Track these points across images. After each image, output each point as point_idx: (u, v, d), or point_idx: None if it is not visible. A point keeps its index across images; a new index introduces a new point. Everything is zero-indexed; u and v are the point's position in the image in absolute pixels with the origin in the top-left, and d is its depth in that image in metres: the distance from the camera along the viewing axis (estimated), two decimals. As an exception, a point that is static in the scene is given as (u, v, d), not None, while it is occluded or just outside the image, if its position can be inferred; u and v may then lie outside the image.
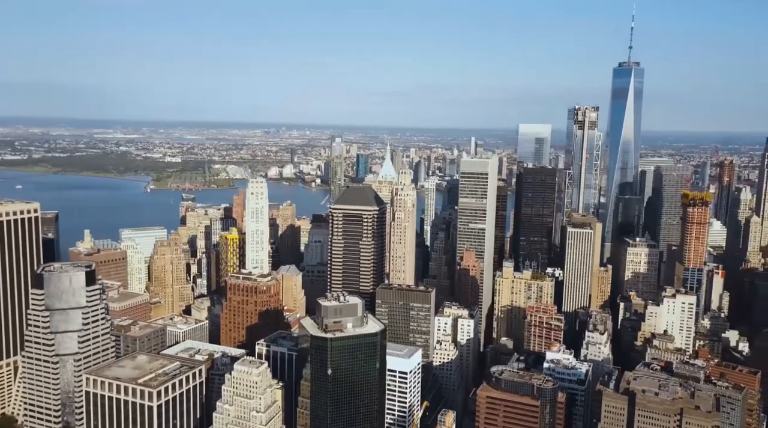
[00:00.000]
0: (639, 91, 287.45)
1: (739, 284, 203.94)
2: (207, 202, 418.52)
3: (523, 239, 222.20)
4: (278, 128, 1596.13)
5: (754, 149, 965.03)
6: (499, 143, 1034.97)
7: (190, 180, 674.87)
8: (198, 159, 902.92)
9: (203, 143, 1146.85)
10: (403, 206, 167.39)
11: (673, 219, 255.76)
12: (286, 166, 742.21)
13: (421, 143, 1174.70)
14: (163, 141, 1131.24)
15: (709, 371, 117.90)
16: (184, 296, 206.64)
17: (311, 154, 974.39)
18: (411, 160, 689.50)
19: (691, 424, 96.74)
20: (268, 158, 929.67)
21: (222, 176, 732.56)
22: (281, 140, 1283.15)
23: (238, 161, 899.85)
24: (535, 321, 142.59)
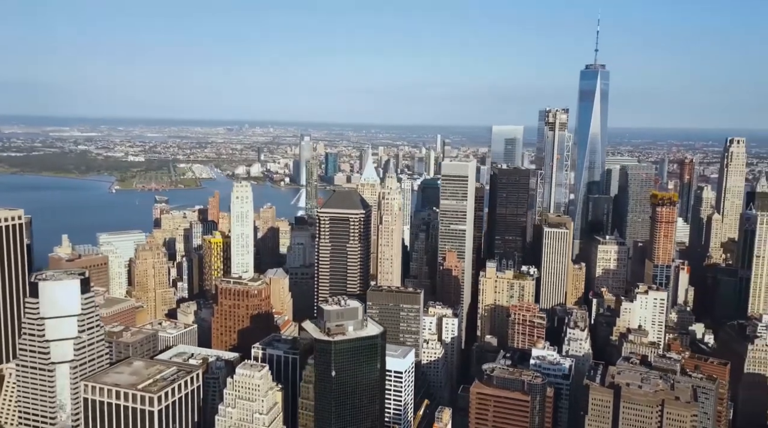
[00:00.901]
0: (605, 93, 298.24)
1: (702, 279, 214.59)
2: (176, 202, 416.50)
3: (498, 238, 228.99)
4: (241, 125, 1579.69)
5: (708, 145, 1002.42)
6: (464, 141, 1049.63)
7: (156, 180, 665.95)
8: (162, 158, 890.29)
9: (166, 141, 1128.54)
10: (390, 210, 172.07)
11: (638, 216, 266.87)
12: (253, 165, 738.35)
13: (387, 141, 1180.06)
14: (123, 139, 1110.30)
15: (684, 363, 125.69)
16: (167, 300, 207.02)
17: (277, 152, 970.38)
18: (379, 158, 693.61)
19: (672, 414, 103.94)
20: (233, 157, 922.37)
21: (188, 175, 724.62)
22: (245, 138, 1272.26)
23: (204, 159, 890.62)
24: (518, 319, 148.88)
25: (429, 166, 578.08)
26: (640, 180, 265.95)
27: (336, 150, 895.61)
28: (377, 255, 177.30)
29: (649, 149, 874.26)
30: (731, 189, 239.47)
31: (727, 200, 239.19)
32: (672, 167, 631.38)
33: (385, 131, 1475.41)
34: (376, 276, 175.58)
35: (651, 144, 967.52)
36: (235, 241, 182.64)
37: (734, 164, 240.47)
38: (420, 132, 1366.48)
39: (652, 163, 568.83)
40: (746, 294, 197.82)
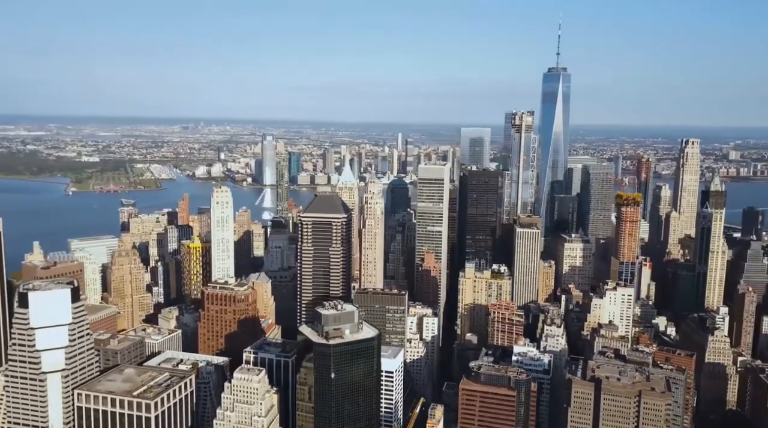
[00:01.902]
0: (567, 95, 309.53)
1: (663, 274, 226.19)
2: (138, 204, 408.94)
3: (468, 238, 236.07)
4: (196, 124, 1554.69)
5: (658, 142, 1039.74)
6: (424, 139, 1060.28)
7: (114, 181, 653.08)
8: (117, 158, 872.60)
9: (119, 140, 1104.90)
10: (373, 214, 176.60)
11: (599, 214, 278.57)
12: (214, 165, 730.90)
13: (348, 139, 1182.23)
14: (74, 139, 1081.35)
15: (654, 356, 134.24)
16: (144, 305, 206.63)
17: (236, 151, 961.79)
18: (342, 157, 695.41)
19: (648, 404, 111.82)
20: (192, 156, 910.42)
21: (147, 176, 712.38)
22: (202, 137, 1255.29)
23: (161, 159, 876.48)
24: (498, 318, 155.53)
25: (392, 165, 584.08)
26: (601, 179, 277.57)
27: (297, 149, 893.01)
28: (361, 258, 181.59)
29: (603, 146, 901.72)
30: (687, 188, 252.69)
31: (684, 198, 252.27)
32: (625, 163, 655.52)
33: (344, 129, 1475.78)
34: (360, 278, 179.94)
35: (604, 141, 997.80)
36: (215, 246, 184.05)
37: (689, 163, 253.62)
38: (380, 130, 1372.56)
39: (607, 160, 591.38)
40: (703, 288, 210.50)
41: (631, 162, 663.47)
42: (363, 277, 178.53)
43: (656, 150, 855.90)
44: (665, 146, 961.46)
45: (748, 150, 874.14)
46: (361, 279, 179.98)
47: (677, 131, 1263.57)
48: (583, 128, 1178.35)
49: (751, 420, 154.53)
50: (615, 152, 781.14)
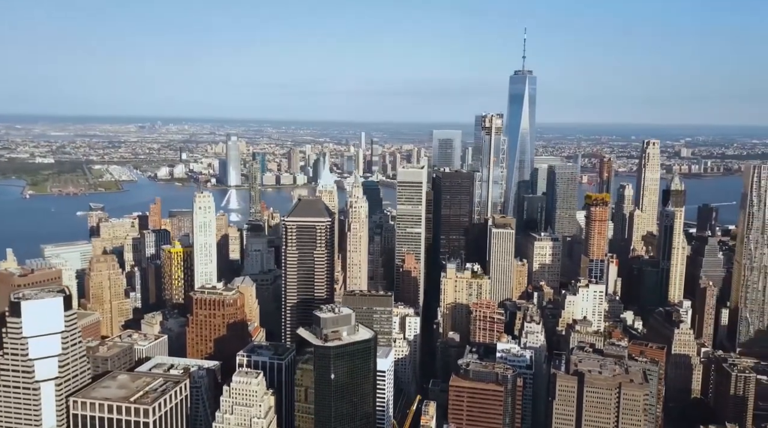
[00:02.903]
0: (532, 97, 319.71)
1: (628, 270, 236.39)
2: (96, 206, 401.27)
3: (443, 238, 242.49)
4: (153, 123, 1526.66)
5: (613, 140, 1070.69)
6: (386, 137, 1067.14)
7: (72, 183, 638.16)
8: (73, 159, 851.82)
9: (74, 140, 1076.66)
10: (358, 217, 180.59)
11: (565, 213, 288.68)
12: (176, 165, 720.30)
13: (309, 138, 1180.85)
14: (25, 139, 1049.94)
15: (629, 349, 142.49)
16: (123, 311, 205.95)
17: (197, 151, 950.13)
18: (307, 157, 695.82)
19: (628, 395, 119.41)
20: (152, 157, 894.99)
21: (106, 177, 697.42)
22: (160, 136, 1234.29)
23: (120, 160, 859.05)
24: (479, 316, 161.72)
25: (358, 164, 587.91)
26: (566, 179, 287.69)
27: (259, 148, 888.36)
28: (346, 260, 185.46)
29: (560, 144, 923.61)
30: (648, 187, 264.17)
31: (645, 196, 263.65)
32: (584, 161, 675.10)
33: (305, 127, 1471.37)
34: (345, 280, 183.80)
35: (562, 139, 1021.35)
36: (198, 250, 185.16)
37: (651, 164, 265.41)
38: (341, 128, 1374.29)
39: (566, 157, 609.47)
40: (666, 283, 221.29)
41: (589, 160, 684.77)
42: (348, 279, 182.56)
43: (612, 148, 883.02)
44: (620, 143, 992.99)
45: (698, 147, 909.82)
46: (346, 281, 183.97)
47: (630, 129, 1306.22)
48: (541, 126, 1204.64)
49: (714, 407, 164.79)
50: (573, 150, 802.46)
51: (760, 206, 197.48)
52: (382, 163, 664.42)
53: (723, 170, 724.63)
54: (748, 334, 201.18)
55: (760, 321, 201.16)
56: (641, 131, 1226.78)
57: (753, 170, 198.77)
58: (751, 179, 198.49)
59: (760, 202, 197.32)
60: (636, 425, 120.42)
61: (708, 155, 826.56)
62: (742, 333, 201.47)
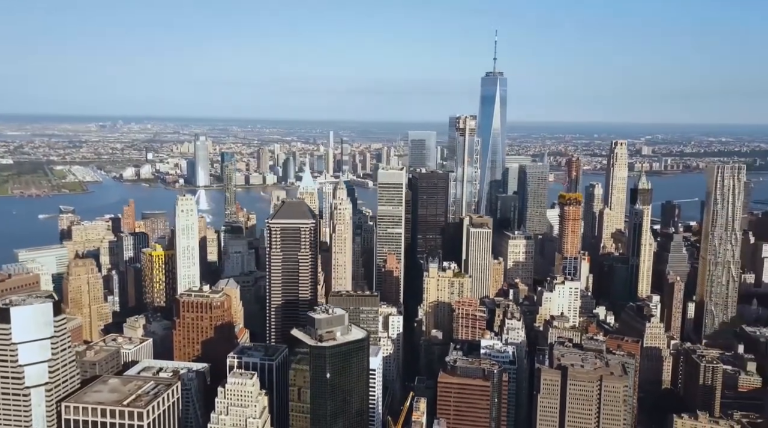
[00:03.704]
0: (504, 98, 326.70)
1: (599, 266, 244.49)
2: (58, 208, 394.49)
3: (420, 237, 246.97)
4: (114, 122, 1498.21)
5: (576, 138, 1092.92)
6: (354, 136, 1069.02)
7: (35, 185, 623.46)
8: (33, 160, 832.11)
9: (32, 140, 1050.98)
10: (343, 219, 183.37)
11: (536, 211, 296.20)
12: (143, 166, 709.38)
13: (276, 136, 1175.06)
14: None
15: (607, 343, 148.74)
16: (103, 315, 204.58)
17: (162, 150, 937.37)
18: (276, 156, 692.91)
19: (608, 387, 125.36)
20: (115, 157, 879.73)
21: (69, 178, 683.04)
22: (122, 136, 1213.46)
23: (82, 160, 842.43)
24: (462, 314, 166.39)
25: (328, 164, 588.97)
26: (536, 178, 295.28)
27: (225, 147, 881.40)
28: (331, 261, 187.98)
29: (525, 143, 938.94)
30: (617, 186, 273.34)
31: (614, 195, 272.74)
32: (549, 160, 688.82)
33: (271, 126, 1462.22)
34: (325, 281, 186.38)
35: (526, 138, 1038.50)
36: (181, 253, 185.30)
37: (619, 163, 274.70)
38: (308, 127, 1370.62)
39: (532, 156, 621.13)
40: (636, 278, 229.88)
41: (555, 158, 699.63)
42: (333, 280, 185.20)
43: (576, 146, 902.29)
44: (583, 142, 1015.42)
45: (657, 145, 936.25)
46: (330, 282, 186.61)
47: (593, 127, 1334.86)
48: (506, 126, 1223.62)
49: (684, 396, 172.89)
50: (538, 149, 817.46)
51: (723, 204, 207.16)
52: (352, 162, 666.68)
53: (682, 167, 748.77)
54: (713, 326, 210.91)
55: (724, 313, 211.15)
56: (603, 130, 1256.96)
57: (717, 170, 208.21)
58: (715, 179, 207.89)
59: (724, 200, 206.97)
60: (616, 415, 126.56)
61: (668, 153, 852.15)
62: (708, 325, 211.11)
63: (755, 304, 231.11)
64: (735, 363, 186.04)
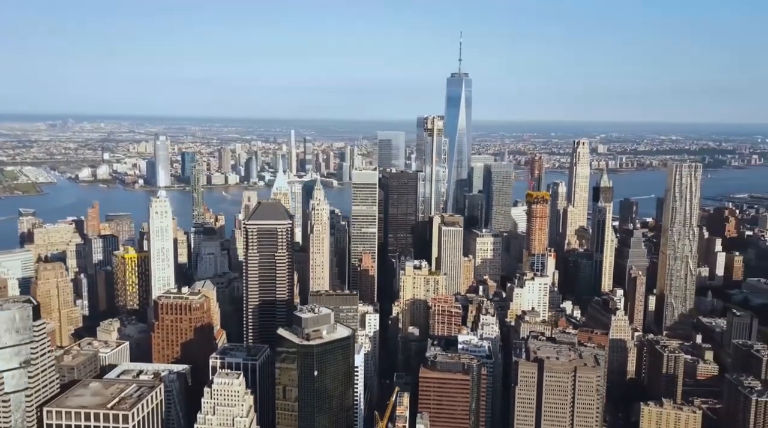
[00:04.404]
0: (469, 99, 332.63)
1: (564, 262, 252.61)
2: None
3: (391, 236, 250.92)
4: (64, 121, 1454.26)
5: (534, 137, 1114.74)
6: (315, 135, 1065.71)
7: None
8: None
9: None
10: (320, 220, 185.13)
11: (501, 210, 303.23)
12: (100, 166, 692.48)
13: (235, 135, 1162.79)
14: None
15: (578, 336, 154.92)
16: (73, 320, 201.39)
17: (117, 150, 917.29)
18: (238, 156, 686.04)
19: (582, 377, 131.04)
20: (69, 157, 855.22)
21: (22, 179, 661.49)
22: (74, 135, 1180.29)
23: (34, 161, 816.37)
24: (438, 310, 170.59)
25: (292, 163, 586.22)
26: (501, 177, 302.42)
27: (184, 146, 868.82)
28: (309, 261, 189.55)
29: (485, 142, 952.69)
30: (579, 184, 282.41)
31: (577, 193, 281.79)
32: (509, 158, 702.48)
33: (230, 125, 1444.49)
34: (306, 282, 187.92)
35: (485, 136, 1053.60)
36: (155, 256, 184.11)
37: (581, 162, 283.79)
38: (268, 126, 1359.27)
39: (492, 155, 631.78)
40: (600, 274, 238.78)
41: (514, 157, 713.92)
42: (312, 280, 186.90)
43: (534, 145, 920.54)
44: (541, 140, 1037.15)
45: (612, 144, 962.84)
46: (309, 282, 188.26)
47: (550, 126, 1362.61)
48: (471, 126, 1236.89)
49: (647, 385, 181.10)
50: (498, 148, 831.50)
51: (681, 201, 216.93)
52: (315, 161, 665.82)
53: (636, 165, 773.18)
54: (673, 318, 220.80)
55: (683, 306, 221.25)
56: (560, 128, 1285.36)
57: (675, 169, 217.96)
58: (674, 177, 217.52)
59: (682, 197, 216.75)
60: (589, 404, 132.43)
61: (622, 151, 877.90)
62: (668, 317, 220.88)
63: (710, 296, 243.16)
64: (693, 352, 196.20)
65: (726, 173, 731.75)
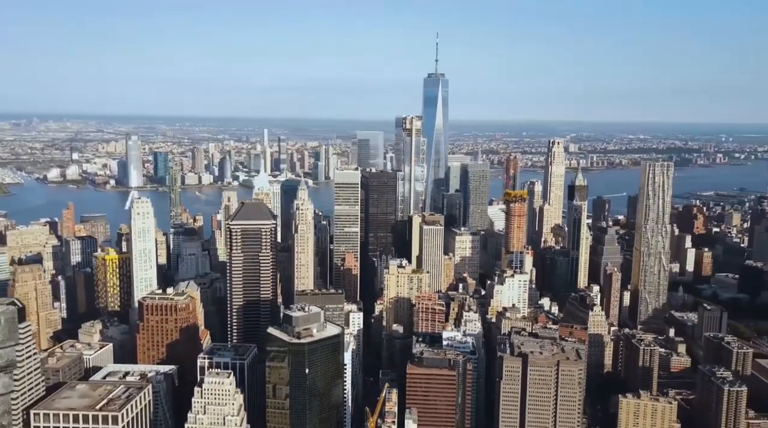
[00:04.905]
0: (445, 98, 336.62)
1: (541, 259, 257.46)
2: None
3: (371, 236, 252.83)
4: (29, 119, 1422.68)
5: (506, 136, 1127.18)
6: (287, 133, 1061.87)
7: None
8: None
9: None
10: (305, 219, 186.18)
11: (477, 208, 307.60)
12: (69, 166, 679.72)
13: (206, 134, 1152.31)
14: None
15: (559, 332, 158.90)
16: (52, 322, 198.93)
17: (86, 150, 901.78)
18: (211, 155, 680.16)
19: (565, 371, 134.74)
20: (35, 157, 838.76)
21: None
22: (40, 134, 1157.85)
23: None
24: (422, 308, 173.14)
25: (266, 162, 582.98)
26: (478, 176, 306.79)
27: (155, 146, 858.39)
28: (293, 261, 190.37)
29: (458, 141, 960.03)
30: (555, 183, 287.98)
31: (552, 192, 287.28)
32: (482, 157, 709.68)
33: (201, 124, 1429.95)
34: (291, 282, 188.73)
35: (459, 136, 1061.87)
36: (137, 257, 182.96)
37: (556, 161, 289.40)
38: (240, 125, 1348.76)
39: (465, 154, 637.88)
40: (576, 270, 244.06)
41: (488, 156, 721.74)
42: (297, 279, 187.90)
43: (507, 144, 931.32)
44: (513, 139, 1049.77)
45: (582, 143, 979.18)
46: (294, 281, 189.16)
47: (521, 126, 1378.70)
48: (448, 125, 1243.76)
49: (624, 378, 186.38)
50: (471, 147, 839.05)
51: (654, 199, 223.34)
52: (290, 161, 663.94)
53: (606, 164, 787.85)
54: (647, 313, 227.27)
55: (657, 301, 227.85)
56: (531, 128, 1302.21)
57: (648, 167, 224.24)
58: (647, 175, 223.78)
59: (655, 195, 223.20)
60: (572, 397, 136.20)
61: (592, 150, 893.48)
62: (642, 312, 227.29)
63: (681, 291, 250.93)
64: (667, 346, 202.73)
65: (692, 171, 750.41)
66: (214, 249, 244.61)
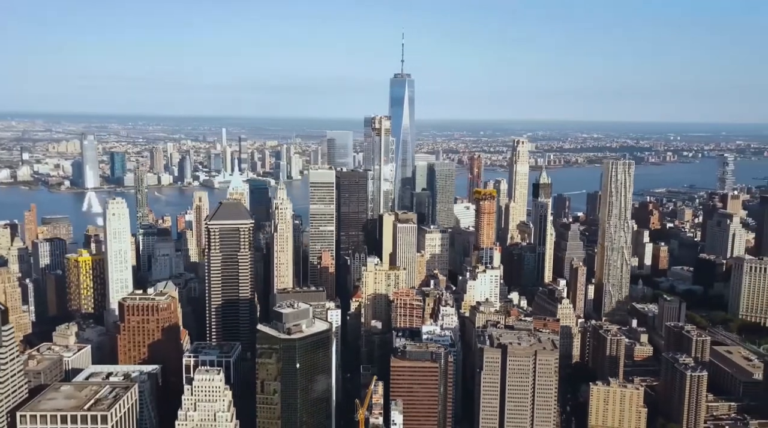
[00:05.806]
0: (412, 99, 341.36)
1: (508, 255, 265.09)
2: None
3: (343, 234, 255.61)
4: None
5: (464, 136, 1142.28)
6: (246, 132, 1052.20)
7: None
8: None
9: None
10: (284, 219, 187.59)
11: (444, 207, 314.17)
12: (20, 167, 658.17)
13: (162, 134, 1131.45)
14: None
15: (534, 324, 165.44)
16: (22, 326, 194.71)
17: (35, 150, 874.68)
18: (170, 156, 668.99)
19: (542, 360, 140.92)
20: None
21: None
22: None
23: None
24: (400, 304, 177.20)
25: (227, 162, 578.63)
26: (444, 176, 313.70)
27: (108, 146, 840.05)
28: (273, 260, 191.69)
29: (418, 140, 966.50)
30: (519, 181, 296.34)
31: (517, 190, 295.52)
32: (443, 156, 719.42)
33: (155, 123, 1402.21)
34: (273, 279, 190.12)
35: (418, 135, 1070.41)
36: (112, 258, 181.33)
37: (521, 160, 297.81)
38: (196, 124, 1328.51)
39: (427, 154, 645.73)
40: (542, 266, 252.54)
41: (448, 156, 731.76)
42: (276, 278, 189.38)
43: (465, 143, 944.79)
44: (471, 139, 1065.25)
45: (539, 142, 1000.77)
46: (273, 280, 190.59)
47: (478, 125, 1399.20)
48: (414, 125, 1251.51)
49: (592, 367, 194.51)
50: (431, 147, 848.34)
51: (617, 196, 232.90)
52: (251, 160, 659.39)
53: (563, 162, 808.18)
54: (611, 305, 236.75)
55: (620, 293, 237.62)
56: (488, 127, 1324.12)
57: (611, 166, 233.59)
58: (609, 174, 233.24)
59: (617, 193, 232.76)
60: (549, 385, 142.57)
61: (549, 149, 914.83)
62: (606, 304, 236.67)
63: (641, 284, 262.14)
64: (630, 335, 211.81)
65: (644, 169, 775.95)
66: (185, 250, 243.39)
